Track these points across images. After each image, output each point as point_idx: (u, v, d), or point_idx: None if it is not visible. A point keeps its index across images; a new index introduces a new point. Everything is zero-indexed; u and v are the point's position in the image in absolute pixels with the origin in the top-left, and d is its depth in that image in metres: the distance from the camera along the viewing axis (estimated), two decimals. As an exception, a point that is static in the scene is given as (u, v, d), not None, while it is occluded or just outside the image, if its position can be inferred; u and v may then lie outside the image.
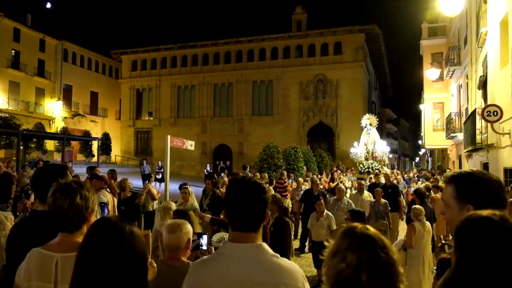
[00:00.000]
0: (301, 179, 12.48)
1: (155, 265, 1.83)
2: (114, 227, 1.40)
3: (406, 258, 5.24)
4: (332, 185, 13.08)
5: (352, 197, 9.35)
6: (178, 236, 2.61)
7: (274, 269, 1.51)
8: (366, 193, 9.38)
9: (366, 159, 19.23)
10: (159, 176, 18.61)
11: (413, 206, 6.10)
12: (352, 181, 15.10)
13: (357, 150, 19.98)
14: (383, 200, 8.33)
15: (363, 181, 10.84)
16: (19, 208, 5.82)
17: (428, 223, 5.64)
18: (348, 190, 12.75)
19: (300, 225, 10.37)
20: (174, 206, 5.24)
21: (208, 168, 24.84)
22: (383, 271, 1.22)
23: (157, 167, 20.31)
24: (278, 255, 1.57)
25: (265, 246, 1.58)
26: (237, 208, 1.58)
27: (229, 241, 1.61)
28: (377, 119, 20.90)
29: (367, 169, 18.11)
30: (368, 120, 20.10)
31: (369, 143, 19.73)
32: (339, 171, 17.36)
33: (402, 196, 10.47)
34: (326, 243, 1.36)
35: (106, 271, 1.34)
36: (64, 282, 1.68)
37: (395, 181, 11.97)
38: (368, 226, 1.33)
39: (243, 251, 1.54)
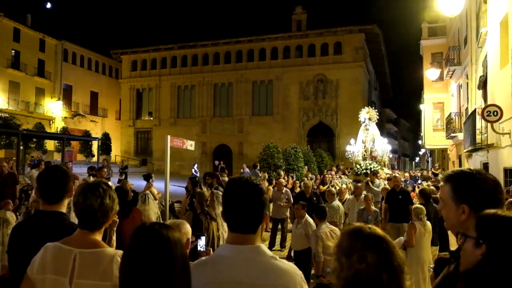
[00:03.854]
0: (282, 180, 10.98)
1: None
2: (156, 234, 1.40)
3: (406, 257, 5.27)
4: (323, 188, 11.36)
5: (348, 203, 8.35)
6: (177, 236, 2.61)
7: (273, 271, 1.50)
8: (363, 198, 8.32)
9: (364, 158, 17.01)
10: (122, 177, 16.54)
11: (414, 205, 6.08)
12: (346, 184, 12.91)
13: (354, 149, 17.55)
14: (373, 208, 7.40)
15: (359, 184, 9.64)
16: None
17: (428, 223, 5.63)
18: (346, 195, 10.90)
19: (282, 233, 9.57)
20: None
21: (196, 168, 23.88)
22: (398, 269, 1.25)
23: (120, 167, 18.14)
24: (277, 257, 1.56)
25: (264, 247, 1.57)
26: (235, 210, 1.58)
27: (227, 242, 1.61)
28: (377, 113, 18.63)
29: (364, 170, 15.80)
30: (367, 114, 17.73)
31: (368, 140, 17.42)
32: (333, 173, 16.28)
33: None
34: (330, 244, 1.36)
35: (151, 276, 1.34)
36: (80, 277, 1.70)
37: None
38: (372, 226, 1.35)
39: (241, 253, 1.53)
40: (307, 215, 6.30)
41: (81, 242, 1.78)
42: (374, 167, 15.73)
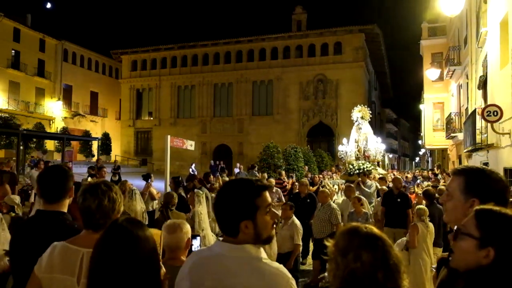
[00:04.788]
0: (272, 180, 10.54)
1: (163, 267, 1.85)
2: (124, 231, 1.45)
3: (409, 258, 5.26)
4: (312, 189, 10.94)
5: (342, 204, 8.05)
6: (178, 236, 2.61)
7: (256, 273, 1.41)
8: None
9: (357, 158, 16.31)
10: (116, 178, 15.63)
11: (417, 206, 6.01)
12: (338, 185, 12.52)
13: (347, 148, 16.90)
14: (363, 210, 7.14)
15: (352, 184, 9.31)
16: None
17: (431, 224, 5.59)
18: (335, 196, 10.60)
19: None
20: (17, 200, 5.26)
21: (193, 167, 23.62)
22: (394, 268, 1.25)
23: (112, 168, 17.40)
24: (263, 258, 1.47)
25: (250, 248, 1.47)
26: (214, 210, 1.59)
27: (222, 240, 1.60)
28: (370, 112, 17.81)
29: (356, 171, 14.97)
30: (360, 113, 16.96)
31: (361, 140, 16.72)
32: (331, 173, 15.94)
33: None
34: (327, 243, 1.35)
35: (117, 273, 1.39)
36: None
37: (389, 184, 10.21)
38: (368, 226, 1.34)
39: (228, 251, 1.48)
40: (294, 217, 6.05)
41: (87, 241, 1.79)
42: (367, 167, 15.17)
